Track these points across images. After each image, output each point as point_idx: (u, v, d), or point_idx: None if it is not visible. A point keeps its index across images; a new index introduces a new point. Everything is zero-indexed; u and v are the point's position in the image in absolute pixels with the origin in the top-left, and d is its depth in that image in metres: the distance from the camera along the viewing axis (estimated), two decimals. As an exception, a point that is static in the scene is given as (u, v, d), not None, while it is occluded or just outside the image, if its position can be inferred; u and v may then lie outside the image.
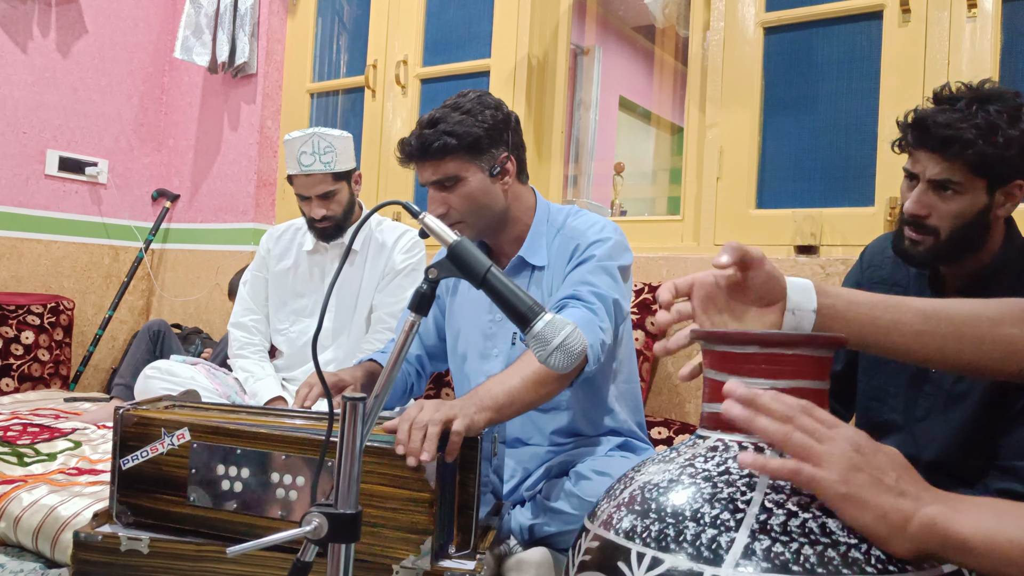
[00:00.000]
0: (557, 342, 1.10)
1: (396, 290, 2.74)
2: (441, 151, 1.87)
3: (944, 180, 1.54)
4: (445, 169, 1.89)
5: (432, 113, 1.92)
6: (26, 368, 3.69)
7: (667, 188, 5.23)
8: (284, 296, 2.88)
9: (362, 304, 2.78)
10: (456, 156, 1.88)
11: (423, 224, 1.13)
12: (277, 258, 2.90)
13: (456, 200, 1.91)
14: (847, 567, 0.82)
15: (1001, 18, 2.41)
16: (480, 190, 1.92)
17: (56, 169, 4.06)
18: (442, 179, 1.90)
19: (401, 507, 1.46)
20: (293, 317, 2.86)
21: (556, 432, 2.00)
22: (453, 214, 1.92)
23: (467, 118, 1.88)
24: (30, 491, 1.99)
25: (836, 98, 2.72)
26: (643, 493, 0.96)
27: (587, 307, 1.80)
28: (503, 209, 1.97)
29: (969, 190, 1.54)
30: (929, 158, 1.56)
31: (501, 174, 1.94)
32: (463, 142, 1.87)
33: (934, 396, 1.66)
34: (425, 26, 3.74)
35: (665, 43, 5.36)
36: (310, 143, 2.62)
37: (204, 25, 4.06)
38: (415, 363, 2.20)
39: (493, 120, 1.91)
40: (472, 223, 1.94)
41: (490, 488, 1.77)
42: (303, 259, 2.86)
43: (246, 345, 2.87)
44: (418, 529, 1.45)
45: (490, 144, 1.91)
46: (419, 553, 1.45)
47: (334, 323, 2.78)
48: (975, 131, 1.49)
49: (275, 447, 1.53)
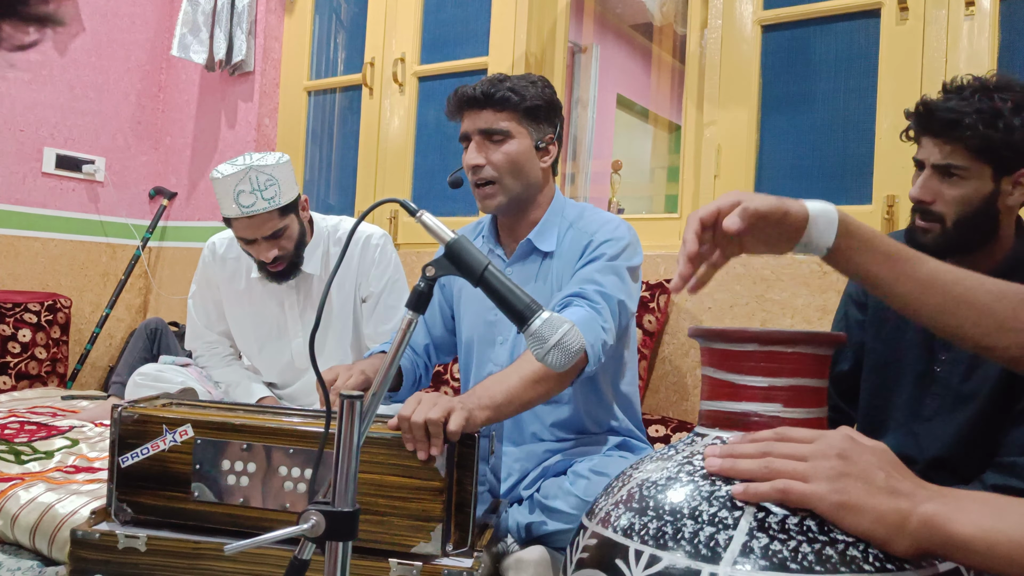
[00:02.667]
0: (554, 340, 1.10)
1: (387, 313, 2.57)
2: (502, 103, 1.92)
3: (947, 165, 1.55)
4: (499, 121, 1.93)
5: (495, 75, 1.98)
6: (23, 366, 3.68)
7: (664, 186, 5.23)
8: (243, 325, 2.66)
9: (335, 320, 2.58)
10: (515, 113, 1.93)
11: (420, 222, 1.13)
12: (226, 282, 2.64)
13: (498, 156, 1.93)
14: (845, 565, 0.82)
15: (999, 16, 2.41)
16: (524, 154, 1.95)
17: (53, 167, 4.05)
18: (493, 130, 1.93)
19: (411, 496, 1.49)
20: (258, 345, 2.66)
21: (557, 425, 2.00)
22: (488, 170, 1.93)
23: (532, 86, 1.95)
24: (27, 489, 1.99)
25: (834, 96, 2.72)
26: (641, 491, 0.96)
27: (591, 306, 1.80)
28: (535, 183, 1.99)
29: (973, 176, 1.55)
30: (933, 144, 1.57)
31: (545, 151, 1.99)
32: (524, 103, 1.93)
33: (942, 396, 1.66)
34: (423, 24, 3.73)
35: (663, 41, 5.36)
36: (247, 180, 2.27)
37: (201, 23, 4.06)
38: (423, 354, 2.18)
39: (552, 99, 2.00)
40: (504, 185, 1.95)
41: (487, 487, 1.77)
42: (255, 286, 2.59)
43: (211, 356, 2.72)
44: (429, 517, 1.48)
45: (545, 118, 1.98)
46: (429, 540, 1.47)
47: (304, 350, 2.58)
48: (977, 115, 1.50)
49: (281, 441, 1.55)
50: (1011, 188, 1.56)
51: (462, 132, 1.98)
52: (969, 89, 1.55)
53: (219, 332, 2.73)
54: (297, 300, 2.59)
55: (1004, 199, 1.56)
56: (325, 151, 4.18)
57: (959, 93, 1.56)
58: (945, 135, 1.55)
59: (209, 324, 2.72)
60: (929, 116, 1.57)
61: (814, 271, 2.53)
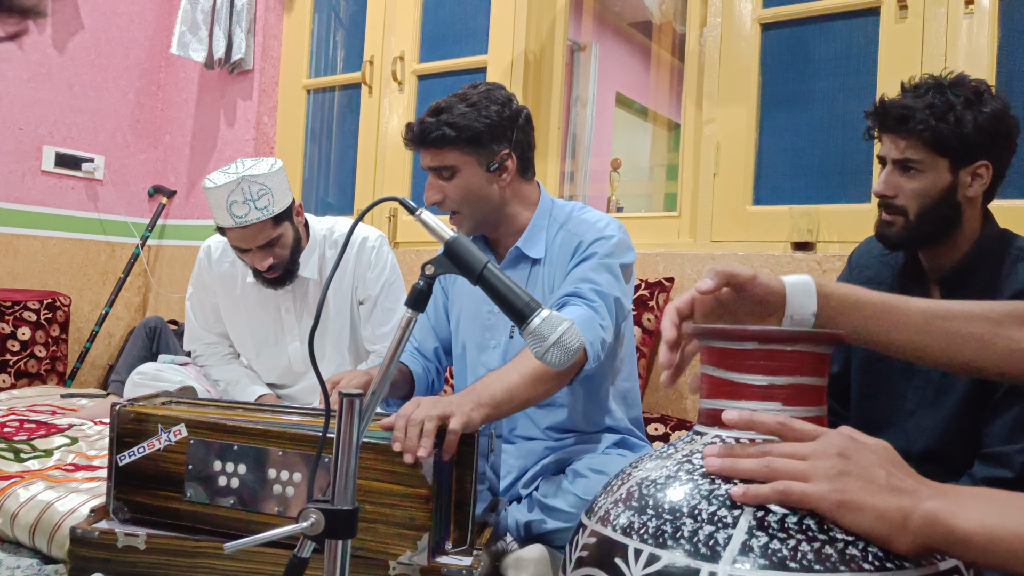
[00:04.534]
0: (553, 338, 1.10)
1: (384, 315, 2.56)
2: (439, 141, 1.88)
3: (904, 159, 1.63)
4: (443, 158, 1.90)
5: (440, 101, 1.93)
6: (22, 364, 3.68)
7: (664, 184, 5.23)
8: (241, 328, 2.66)
9: (331, 322, 2.57)
10: (455, 147, 1.89)
11: (420, 221, 1.13)
12: (222, 286, 2.63)
13: (451, 190, 1.92)
14: (844, 564, 0.82)
15: (998, 14, 2.41)
16: (475, 184, 1.92)
17: (52, 165, 4.05)
18: (439, 167, 1.92)
19: (398, 503, 1.46)
20: (256, 348, 2.66)
21: (552, 428, 2.00)
22: (449, 203, 1.94)
23: (471, 111, 1.89)
24: (27, 487, 1.99)
25: (833, 95, 2.72)
26: (640, 489, 0.96)
27: (588, 305, 1.80)
28: (498, 205, 1.97)
29: (930, 168, 1.62)
30: (891, 140, 1.65)
31: (499, 171, 1.94)
32: (462, 135, 1.88)
33: (923, 389, 1.69)
34: (422, 22, 3.73)
35: (662, 39, 5.36)
36: (239, 190, 2.25)
37: (200, 21, 4.05)
38: (433, 358, 2.17)
39: (498, 116, 1.91)
40: (467, 215, 1.95)
41: (487, 485, 1.77)
42: (250, 291, 2.58)
43: (211, 356, 2.71)
44: (415, 525, 1.45)
45: (491, 140, 1.91)
46: (416, 549, 1.45)
47: (304, 354, 2.57)
48: (928, 110, 1.59)
49: (272, 443, 1.53)
50: (969, 180, 1.62)
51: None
52: (924, 87, 1.63)
53: (217, 334, 2.72)
54: (294, 305, 2.59)
55: (963, 190, 1.62)
56: (324, 149, 4.18)
57: (915, 91, 1.64)
58: (900, 130, 1.63)
59: (207, 326, 2.71)
60: (884, 113, 1.65)
61: (813, 269, 2.53)
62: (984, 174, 1.62)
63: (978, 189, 1.63)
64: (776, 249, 2.67)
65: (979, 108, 1.58)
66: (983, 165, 1.61)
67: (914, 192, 1.62)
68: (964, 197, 1.63)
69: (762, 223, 2.77)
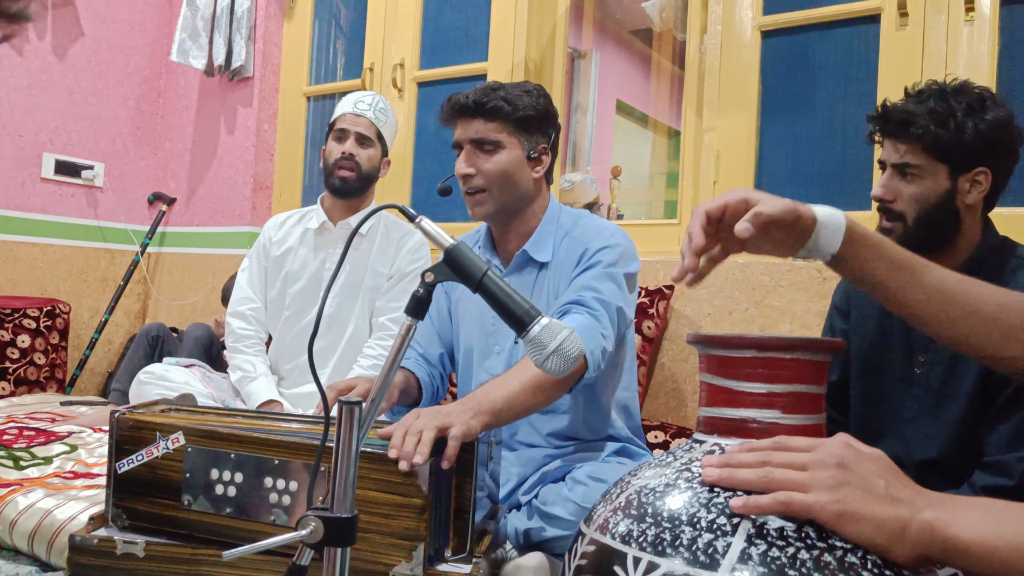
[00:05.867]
0: (553, 346, 1.10)
1: (400, 295, 2.70)
2: (494, 112, 1.92)
3: (904, 164, 1.63)
4: (490, 131, 1.93)
5: (491, 83, 1.99)
6: (22, 371, 3.68)
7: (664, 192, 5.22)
8: (281, 280, 2.80)
9: (364, 295, 2.72)
10: (506, 123, 1.94)
11: (419, 228, 1.13)
12: (279, 243, 2.83)
13: (488, 166, 1.94)
14: (843, 571, 0.82)
15: (999, 21, 2.41)
16: (514, 164, 1.95)
17: (52, 172, 4.05)
18: (483, 139, 1.93)
19: (393, 513, 1.45)
20: (287, 302, 2.78)
21: (554, 435, 1.99)
22: (478, 179, 1.94)
23: (526, 96, 1.95)
24: (26, 495, 1.99)
25: (833, 102, 2.72)
26: (639, 497, 0.96)
27: (590, 313, 1.80)
28: (526, 193, 1.99)
29: (929, 174, 1.61)
30: (892, 145, 1.65)
31: (536, 162, 1.99)
32: (516, 114, 1.93)
33: (922, 398, 1.68)
34: (422, 29, 3.74)
35: (662, 47, 5.36)
36: (371, 96, 2.73)
37: (200, 28, 4.06)
38: (438, 364, 2.17)
39: (546, 111, 2.00)
40: (494, 194, 1.95)
41: (486, 492, 1.77)
42: (307, 238, 2.80)
43: (242, 338, 2.78)
44: (410, 535, 1.45)
45: (537, 128, 1.98)
46: (411, 559, 1.44)
47: (335, 308, 2.72)
48: (929, 116, 1.59)
49: (270, 451, 1.53)
50: (968, 186, 1.62)
51: (454, 140, 1.98)
52: (927, 93, 1.63)
53: (261, 299, 2.85)
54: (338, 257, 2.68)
55: (962, 197, 1.62)
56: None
57: (917, 96, 1.64)
58: (900, 135, 1.63)
59: (253, 287, 2.85)
60: (886, 118, 1.66)
61: (813, 277, 2.52)
62: (983, 181, 1.62)
63: (977, 196, 1.62)
64: (776, 256, 2.66)
65: (980, 115, 1.58)
66: (982, 172, 1.61)
67: (912, 197, 1.63)
68: (963, 204, 1.62)
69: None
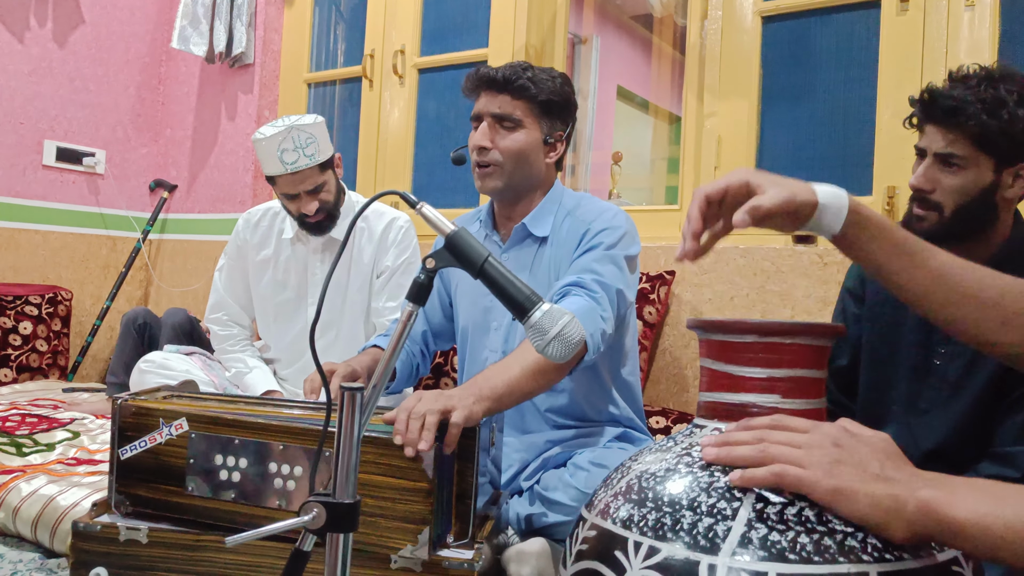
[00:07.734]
0: (555, 332, 1.10)
1: (395, 291, 2.64)
2: (521, 91, 1.94)
3: (948, 153, 1.55)
4: (514, 108, 1.95)
5: (521, 62, 2.00)
6: (24, 358, 3.69)
7: (665, 177, 5.23)
8: (265, 290, 2.74)
9: (352, 295, 2.67)
10: (531, 103, 1.96)
11: (420, 214, 1.13)
12: (256, 248, 2.75)
13: (506, 143, 1.95)
14: (843, 555, 0.82)
15: (999, 6, 2.40)
16: (531, 145, 1.97)
17: (53, 159, 4.05)
18: (506, 116, 1.95)
19: (399, 497, 1.46)
20: (275, 311, 2.74)
21: (554, 411, 2.00)
22: (492, 153, 1.95)
23: (552, 81, 1.98)
24: (29, 481, 1.99)
25: (834, 87, 2.71)
26: (640, 482, 0.97)
27: (590, 295, 1.80)
28: (537, 176, 2.01)
29: (973, 165, 1.54)
30: (935, 132, 1.57)
31: (551, 147, 2.01)
32: (541, 95, 1.96)
33: (938, 389, 1.65)
34: (423, 15, 3.73)
35: (663, 32, 5.35)
36: (289, 139, 2.44)
37: (201, 15, 4.05)
38: (420, 341, 2.20)
39: (570, 99, 2.03)
40: (506, 170, 1.96)
41: (488, 478, 1.77)
42: (284, 247, 2.71)
43: (226, 339, 2.77)
44: (415, 519, 1.45)
45: (558, 115, 2.00)
46: (416, 543, 1.45)
47: (322, 317, 2.64)
48: (980, 104, 1.50)
49: (273, 437, 1.54)
50: (1011, 180, 1.56)
51: (475, 112, 1.99)
52: (975, 78, 1.54)
53: (240, 304, 2.80)
54: (321, 265, 2.69)
55: (1003, 191, 1.56)
56: (325, 143, 4.17)
57: (964, 82, 1.55)
58: (948, 123, 1.54)
59: (232, 293, 2.80)
60: (933, 103, 1.56)
61: (814, 262, 2.53)
62: None
63: (1018, 191, 1.56)
64: (777, 242, 2.67)
65: None
66: None
67: (953, 188, 1.55)
68: (1002, 198, 1.57)
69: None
